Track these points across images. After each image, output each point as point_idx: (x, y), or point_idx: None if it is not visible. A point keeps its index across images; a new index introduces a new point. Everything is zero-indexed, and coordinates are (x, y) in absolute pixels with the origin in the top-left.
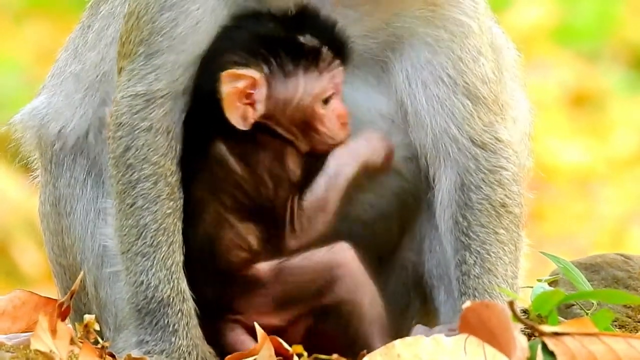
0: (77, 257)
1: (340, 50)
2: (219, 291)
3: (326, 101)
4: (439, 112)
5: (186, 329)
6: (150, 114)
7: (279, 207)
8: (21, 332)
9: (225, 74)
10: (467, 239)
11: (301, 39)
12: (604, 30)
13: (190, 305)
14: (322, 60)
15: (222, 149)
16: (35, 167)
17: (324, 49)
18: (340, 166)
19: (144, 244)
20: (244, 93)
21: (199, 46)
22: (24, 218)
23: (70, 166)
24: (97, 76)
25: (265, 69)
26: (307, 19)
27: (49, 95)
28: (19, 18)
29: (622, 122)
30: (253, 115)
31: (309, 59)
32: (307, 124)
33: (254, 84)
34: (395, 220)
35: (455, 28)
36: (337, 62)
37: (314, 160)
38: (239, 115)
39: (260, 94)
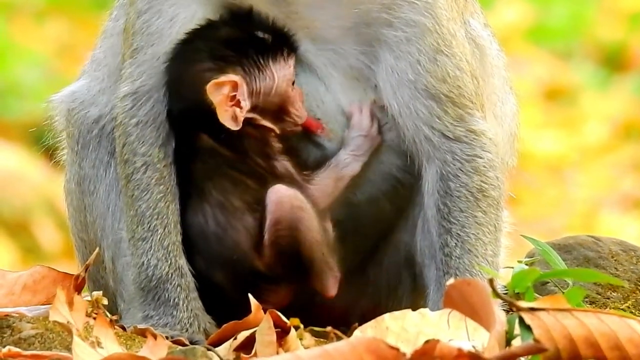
0: (97, 233)
1: (289, 40)
2: (237, 279)
3: (292, 84)
4: (408, 115)
5: (186, 302)
6: (138, 110)
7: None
8: (41, 305)
9: (209, 86)
10: (448, 223)
11: (259, 35)
12: (576, 30)
13: (189, 280)
14: (282, 50)
15: (208, 140)
16: (62, 146)
17: (281, 41)
18: (349, 163)
19: (142, 229)
20: (229, 97)
21: (175, 39)
22: (44, 199)
23: (95, 148)
24: (117, 64)
25: (240, 69)
26: (253, 18)
27: (87, 79)
28: (40, 16)
29: (592, 114)
30: (241, 113)
31: (274, 51)
32: (282, 108)
33: (235, 86)
34: (387, 205)
35: (410, 29)
36: (291, 50)
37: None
38: (230, 118)
39: (242, 93)
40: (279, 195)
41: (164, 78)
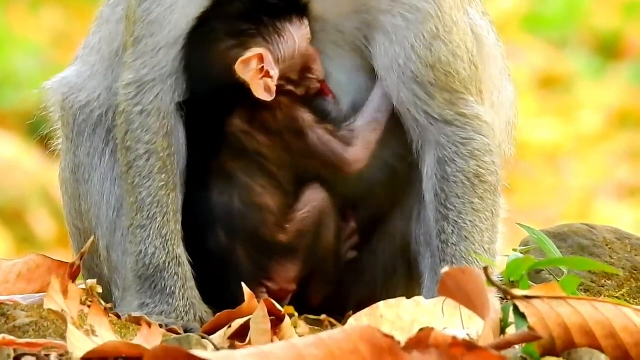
0: (92, 222)
1: (299, 1)
2: (254, 257)
3: (310, 43)
4: (396, 98)
5: (182, 290)
6: (142, 99)
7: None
8: (35, 293)
9: (237, 66)
10: (445, 209)
11: (270, 1)
12: (571, 18)
13: (186, 269)
14: (295, 10)
15: (237, 122)
16: (57, 135)
17: (292, 3)
18: (381, 108)
19: (142, 217)
20: (259, 71)
21: (175, 26)
22: (39, 188)
23: (90, 136)
24: (111, 51)
25: (261, 40)
26: None
27: (79, 65)
28: (35, 5)
29: (587, 102)
30: (272, 83)
31: (288, 13)
32: (305, 68)
33: (261, 58)
34: (384, 189)
35: (411, 15)
36: (303, 9)
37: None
38: (264, 90)
39: (269, 62)
40: (315, 195)
41: (180, 64)
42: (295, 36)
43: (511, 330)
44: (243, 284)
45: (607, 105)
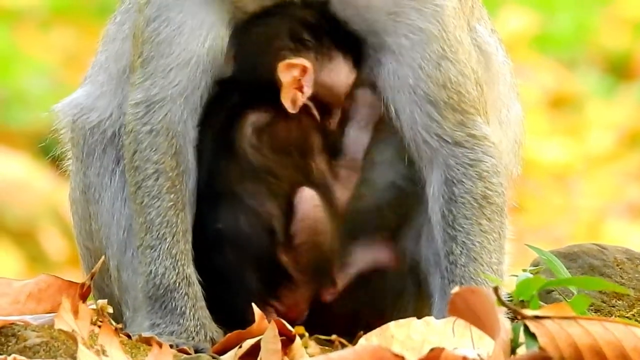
0: (102, 242)
1: (360, 45)
2: (262, 278)
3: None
4: (405, 119)
5: (193, 310)
6: (151, 118)
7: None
8: (46, 313)
9: (282, 64)
10: (453, 230)
11: (337, 28)
12: (581, 38)
13: (196, 289)
14: (354, 50)
15: (247, 132)
16: (68, 156)
17: (354, 42)
18: (358, 136)
19: (151, 237)
20: (296, 80)
21: (185, 48)
22: (50, 208)
23: (100, 156)
24: (119, 69)
25: (312, 56)
26: (331, 11)
27: (88, 85)
28: (45, 25)
29: (597, 122)
30: (301, 98)
31: (348, 48)
32: (335, 104)
33: (304, 71)
34: (391, 210)
35: (416, 36)
36: (358, 55)
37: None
38: (290, 100)
39: (308, 79)
40: (304, 195)
41: (180, 88)
42: (342, 72)
43: (521, 351)
44: (253, 305)
45: (617, 125)
